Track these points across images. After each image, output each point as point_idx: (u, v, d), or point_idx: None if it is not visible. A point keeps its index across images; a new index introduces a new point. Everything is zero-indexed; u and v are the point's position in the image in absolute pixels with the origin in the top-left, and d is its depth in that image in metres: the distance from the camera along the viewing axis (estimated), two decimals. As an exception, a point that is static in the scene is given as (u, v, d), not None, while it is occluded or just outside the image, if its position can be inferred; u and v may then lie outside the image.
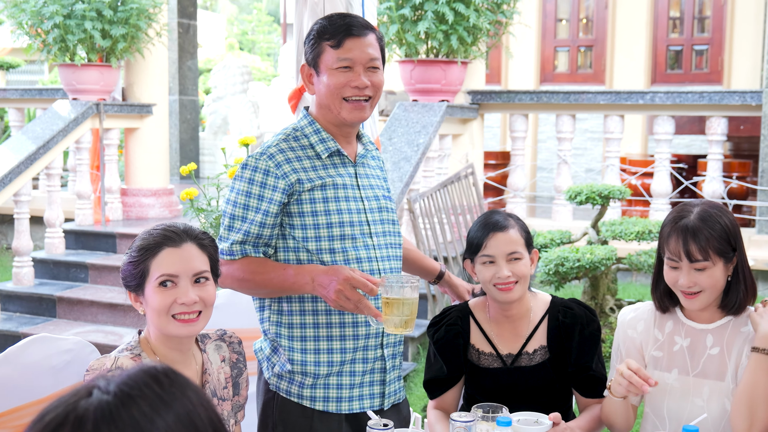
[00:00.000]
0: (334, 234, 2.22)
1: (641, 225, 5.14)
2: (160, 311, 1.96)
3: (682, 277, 2.15)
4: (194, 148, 10.50)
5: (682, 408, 2.20)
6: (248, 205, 2.21)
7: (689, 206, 2.20)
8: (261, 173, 2.20)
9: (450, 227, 5.88)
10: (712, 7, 10.45)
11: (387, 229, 2.34)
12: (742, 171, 7.84)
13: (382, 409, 2.32)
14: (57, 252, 6.51)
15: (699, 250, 2.12)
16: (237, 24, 26.27)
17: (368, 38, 2.24)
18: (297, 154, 2.24)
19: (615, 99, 6.60)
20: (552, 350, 2.42)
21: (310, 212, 2.21)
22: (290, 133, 2.29)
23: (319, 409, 2.25)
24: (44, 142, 6.26)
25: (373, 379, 2.30)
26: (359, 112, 2.24)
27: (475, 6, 6.08)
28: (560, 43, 11.24)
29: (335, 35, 2.21)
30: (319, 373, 2.24)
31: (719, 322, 2.22)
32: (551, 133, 10.71)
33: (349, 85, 2.21)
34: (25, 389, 2.25)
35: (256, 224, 2.20)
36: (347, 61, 2.20)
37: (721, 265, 2.15)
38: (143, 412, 0.93)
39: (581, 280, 5.35)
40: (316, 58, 2.25)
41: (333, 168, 2.27)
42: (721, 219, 2.15)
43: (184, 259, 1.98)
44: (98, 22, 6.64)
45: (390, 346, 2.32)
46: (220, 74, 12.20)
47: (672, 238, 2.16)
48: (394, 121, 5.98)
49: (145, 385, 0.95)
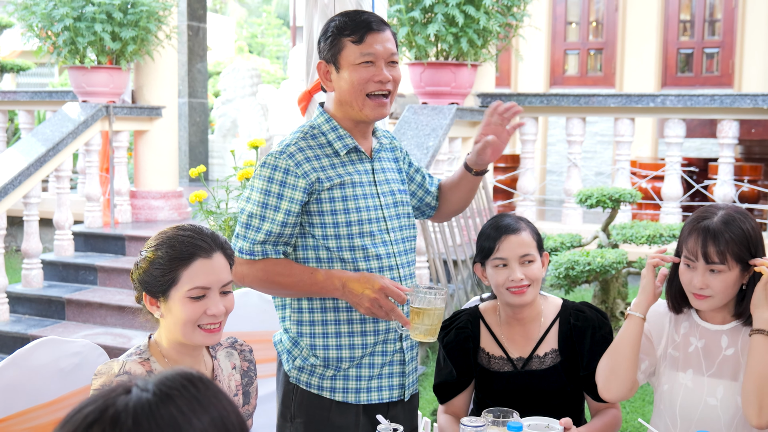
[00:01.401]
0: (353, 232, 2.23)
1: (652, 228, 5.11)
2: (187, 322, 1.94)
3: (696, 278, 2.14)
4: (203, 151, 10.51)
5: (694, 407, 2.20)
6: (268, 203, 2.21)
7: (714, 208, 2.19)
8: (281, 172, 2.20)
9: (459, 230, 5.86)
10: (723, 10, 10.40)
11: (403, 224, 2.35)
12: (754, 174, 7.79)
13: (402, 399, 2.35)
14: (66, 254, 6.52)
15: (717, 253, 2.11)
16: (246, 27, 26.33)
17: (386, 33, 2.25)
18: (315, 153, 2.24)
19: (625, 102, 6.57)
20: (563, 354, 2.40)
21: (329, 211, 2.22)
22: (307, 131, 2.29)
23: (338, 400, 2.28)
24: (54, 144, 6.27)
25: (393, 371, 2.32)
26: (381, 109, 2.25)
27: (485, 9, 6.06)
28: (570, 46, 11.21)
29: (356, 31, 2.21)
30: (340, 366, 2.27)
31: (733, 323, 2.21)
32: (561, 137, 10.68)
33: (372, 80, 2.21)
34: (34, 392, 2.24)
35: (278, 223, 2.20)
36: (370, 56, 2.21)
37: (737, 271, 2.13)
38: (181, 411, 0.95)
39: (591, 283, 5.32)
40: (336, 55, 2.24)
41: (351, 165, 2.28)
42: (744, 224, 2.13)
43: (216, 271, 1.95)
44: (108, 24, 6.66)
45: (408, 338, 2.34)
46: (230, 77, 12.21)
47: (692, 238, 2.15)
48: (404, 123, 5.96)
49: (183, 386, 0.98)
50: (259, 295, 2.95)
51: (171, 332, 1.98)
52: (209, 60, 12.61)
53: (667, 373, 2.26)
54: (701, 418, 2.17)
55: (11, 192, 5.86)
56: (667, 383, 2.25)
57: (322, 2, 3.26)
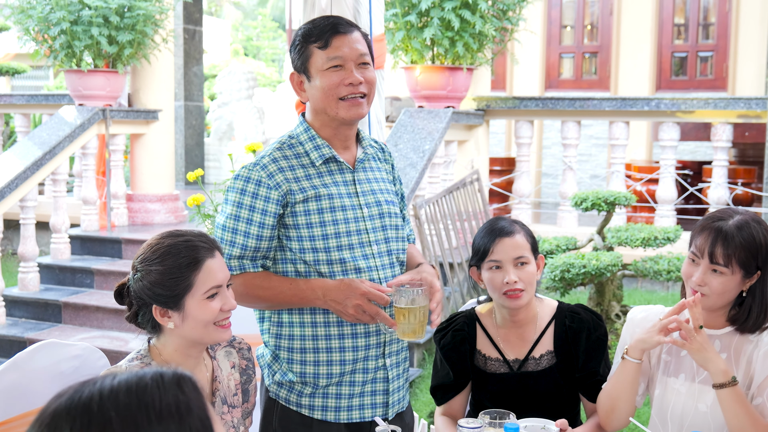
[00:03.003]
0: (330, 245, 2.17)
1: (647, 231, 5.14)
2: (208, 322, 1.98)
3: (697, 274, 2.15)
4: (199, 154, 10.52)
5: (685, 412, 2.20)
6: (240, 216, 2.17)
7: (732, 211, 2.19)
8: (253, 184, 2.17)
9: (455, 233, 5.89)
10: (717, 14, 10.45)
11: (389, 236, 2.29)
12: (747, 177, 7.84)
13: (386, 418, 2.29)
14: (63, 257, 6.52)
15: (723, 255, 2.11)
16: (242, 30, 26.33)
17: (354, 35, 2.20)
18: (291, 163, 2.20)
19: (620, 105, 6.60)
20: (559, 355, 2.42)
21: (304, 224, 2.17)
22: (285, 141, 2.25)
23: (318, 418, 2.24)
24: (50, 147, 6.28)
25: (375, 389, 2.26)
26: (357, 109, 2.20)
27: (481, 13, 6.09)
28: (565, 49, 11.25)
29: (321, 36, 2.17)
30: (318, 383, 2.22)
31: (727, 329, 2.21)
32: (556, 140, 10.71)
33: (342, 83, 2.16)
34: (34, 395, 2.25)
35: (253, 237, 2.17)
36: (337, 60, 2.16)
37: (739, 277, 2.13)
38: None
39: (587, 286, 5.35)
40: (305, 63, 2.20)
41: (329, 175, 2.22)
42: (757, 233, 2.12)
43: (222, 268, 2.01)
44: (105, 28, 6.67)
45: (393, 355, 2.28)
46: (226, 80, 12.23)
47: (702, 235, 2.15)
48: (400, 127, 5.99)
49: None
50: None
51: (186, 337, 2.00)
52: (205, 63, 12.62)
53: (659, 378, 2.26)
54: (692, 424, 2.18)
55: (8, 195, 5.87)
56: (659, 388, 2.26)
57: (320, 7, 3.29)
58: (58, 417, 0.95)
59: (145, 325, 2.04)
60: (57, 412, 0.95)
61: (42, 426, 0.95)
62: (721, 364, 2.08)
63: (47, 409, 0.97)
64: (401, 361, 2.33)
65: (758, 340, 2.17)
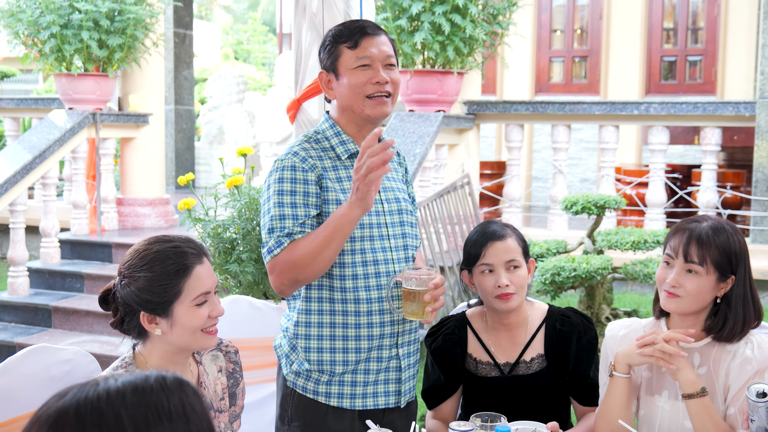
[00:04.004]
0: (354, 235, 2.24)
1: (637, 235, 5.16)
2: (196, 328, 1.98)
3: (671, 275, 2.14)
4: (190, 158, 10.50)
5: (671, 430, 2.18)
6: (283, 202, 2.21)
7: (706, 216, 2.20)
8: (289, 170, 2.23)
9: (446, 237, 5.90)
10: (706, 19, 10.51)
11: (406, 231, 2.37)
12: (736, 181, 7.88)
13: (398, 406, 2.36)
14: (52, 262, 6.50)
15: (698, 254, 2.11)
16: (232, 34, 26.32)
17: (382, 37, 2.31)
18: (319, 154, 2.28)
19: (610, 109, 6.64)
20: (549, 359, 2.43)
21: (330, 212, 2.23)
22: (311, 136, 2.34)
23: (333, 405, 2.30)
24: (40, 151, 6.26)
25: (388, 378, 2.33)
26: (382, 107, 2.29)
27: (472, 17, 6.11)
28: (555, 53, 11.29)
29: (351, 36, 2.28)
30: (334, 371, 2.28)
31: (704, 340, 2.19)
32: (546, 143, 10.75)
33: (370, 82, 2.26)
34: (25, 399, 2.25)
35: (300, 217, 2.19)
36: (366, 59, 2.26)
37: (713, 279, 2.13)
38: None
39: (577, 289, 5.37)
40: (334, 62, 2.30)
41: (353, 169, 2.28)
42: (732, 237, 2.14)
43: (210, 274, 2.01)
44: (95, 32, 6.65)
45: (405, 345, 2.35)
46: (216, 84, 12.21)
47: (677, 236, 2.16)
48: (391, 131, 6.00)
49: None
50: (249, 303, 2.97)
51: (173, 343, 1.99)
52: (195, 67, 12.60)
53: (643, 397, 2.24)
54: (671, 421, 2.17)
55: (-3, 199, 5.85)
56: (644, 408, 2.24)
57: (311, 11, 3.29)
58: (65, 416, 0.95)
59: (130, 332, 2.02)
60: (62, 411, 0.96)
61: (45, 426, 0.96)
62: (690, 375, 2.08)
63: (47, 410, 0.97)
64: (414, 351, 2.40)
65: (736, 350, 2.15)
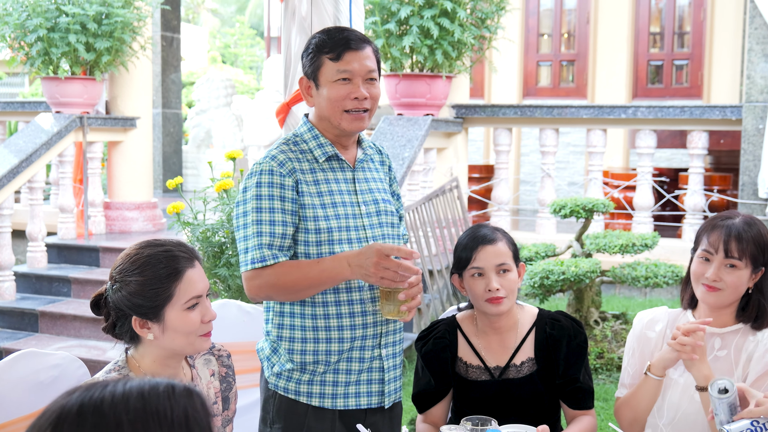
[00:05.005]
0: (333, 238, 2.25)
1: (625, 238, 5.18)
2: (190, 332, 1.98)
3: (711, 270, 2.23)
4: (177, 162, 10.47)
5: (681, 401, 2.28)
6: (262, 207, 2.22)
7: (734, 212, 2.31)
8: (267, 175, 2.24)
9: (435, 240, 5.90)
10: (692, 23, 10.58)
11: (386, 232, 2.37)
12: (723, 184, 7.92)
13: (382, 407, 2.36)
14: (39, 266, 6.47)
15: (737, 249, 2.21)
16: (219, 37, 26.25)
17: (366, 51, 2.30)
18: (297, 156, 2.29)
19: (598, 113, 6.66)
20: (539, 362, 2.43)
21: (311, 217, 2.24)
22: (290, 139, 2.35)
23: (314, 405, 2.30)
24: (27, 155, 6.22)
25: (371, 378, 2.33)
26: (359, 122, 2.30)
27: (460, 21, 6.12)
28: (543, 57, 11.33)
29: (334, 48, 2.27)
30: (316, 369, 2.29)
31: (730, 327, 2.29)
32: (534, 147, 10.77)
33: (349, 97, 2.26)
34: (12, 404, 2.23)
35: (278, 223, 2.22)
36: (347, 73, 2.26)
37: (748, 271, 2.24)
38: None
39: (566, 292, 5.38)
40: (315, 71, 2.30)
41: (331, 172, 2.32)
42: (762, 229, 2.26)
43: (202, 277, 2.01)
44: (82, 35, 6.63)
45: (389, 345, 2.36)
46: (204, 87, 12.19)
47: (715, 232, 2.25)
48: (380, 134, 6.00)
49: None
50: (238, 307, 2.96)
51: (165, 347, 1.98)
52: (182, 70, 12.57)
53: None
54: (686, 411, 2.25)
55: (-16, 203, 5.81)
56: None
57: (300, 15, 3.29)
58: (66, 416, 0.95)
59: (123, 336, 2.02)
60: (65, 411, 0.95)
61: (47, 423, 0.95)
62: (704, 369, 2.16)
63: (53, 405, 0.97)
64: (398, 352, 2.40)
65: (759, 339, 2.25)
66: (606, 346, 5.13)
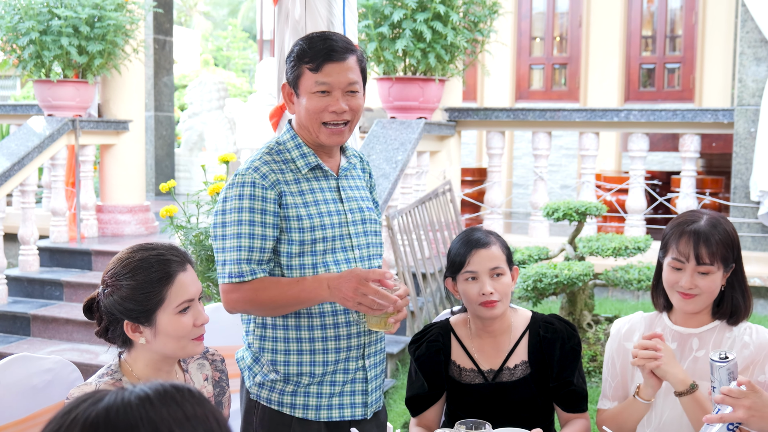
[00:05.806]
0: (317, 249, 2.23)
1: (618, 241, 5.19)
2: (182, 336, 1.97)
3: (684, 279, 2.20)
4: (170, 165, 10.45)
5: (666, 406, 2.26)
6: (242, 220, 2.19)
7: (697, 213, 2.27)
8: (249, 187, 2.20)
9: (428, 244, 5.90)
10: (684, 26, 10.61)
11: (370, 241, 2.36)
12: (715, 187, 7.95)
13: (365, 418, 2.35)
14: (31, 269, 6.44)
15: (708, 255, 2.18)
16: (212, 40, 26.22)
17: (348, 62, 2.23)
18: (280, 167, 2.25)
19: (590, 116, 6.68)
20: (533, 365, 2.44)
21: (296, 228, 2.21)
22: (273, 147, 2.31)
23: (298, 416, 2.27)
24: (19, 158, 6.20)
25: (355, 389, 2.32)
26: (337, 137, 2.27)
27: (453, 25, 6.13)
28: (535, 60, 11.35)
29: (314, 59, 2.21)
30: (300, 381, 2.26)
31: (707, 326, 2.28)
32: (527, 150, 10.79)
33: (327, 110, 2.22)
34: (6, 409, 2.23)
35: (258, 237, 2.19)
36: (326, 86, 2.21)
37: (721, 272, 2.21)
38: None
39: (559, 295, 5.38)
40: (296, 80, 2.26)
41: (315, 181, 2.29)
42: (727, 227, 2.23)
43: (194, 281, 2.00)
44: (75, 38, 6.61)
45: (372, 356, 2.34)
46: (196, 90, 12.17)
47: (683, 240, 2.21)
48: (373, 138, 6.00)
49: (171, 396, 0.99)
50: (231, 310, 2.95)
51: (158, 351, 1.98)
52: (175, 73, 12.55)
53: (639, 375, 2.30)
54: (671, 417, 2.24)
55: (-25, 207, 5.79)
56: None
57: (293, 18, 3.28)
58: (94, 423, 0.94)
59: (115, 340, 2.01)
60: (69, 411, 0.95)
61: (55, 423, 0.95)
62: (679, 373, 2.15)
63: (67, 407, 0.96)
64: (379, 362, 2.39)
65: (735, 336, 2.24)
66: (599, 349, 5.13)
